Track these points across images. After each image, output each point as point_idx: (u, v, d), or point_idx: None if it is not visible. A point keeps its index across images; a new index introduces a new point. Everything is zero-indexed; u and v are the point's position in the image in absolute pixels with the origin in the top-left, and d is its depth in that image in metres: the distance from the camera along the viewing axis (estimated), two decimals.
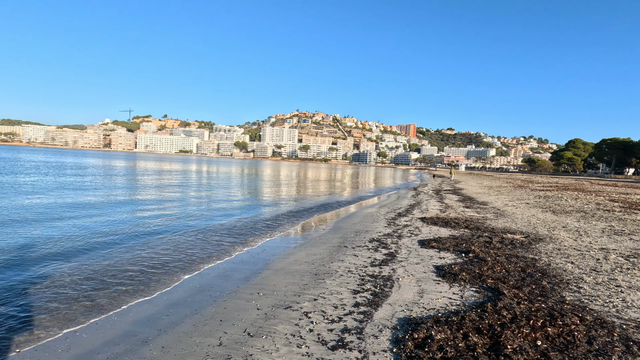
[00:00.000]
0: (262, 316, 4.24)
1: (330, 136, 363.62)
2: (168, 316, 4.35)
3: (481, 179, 49.90)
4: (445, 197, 20.44)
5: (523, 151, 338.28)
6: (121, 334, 3.87)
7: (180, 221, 10.69)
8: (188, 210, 12.92)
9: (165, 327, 4.06)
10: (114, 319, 4.27)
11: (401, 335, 3.62)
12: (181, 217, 11.46)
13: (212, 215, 12.03)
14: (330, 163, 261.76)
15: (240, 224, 10.78)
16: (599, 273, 5.79)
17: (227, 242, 8.47)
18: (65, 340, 3.73)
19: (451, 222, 10.71)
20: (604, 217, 11.76)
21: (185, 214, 12.03)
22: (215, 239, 8.68)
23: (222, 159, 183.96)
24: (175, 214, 12.08)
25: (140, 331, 3.95)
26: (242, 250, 7.75)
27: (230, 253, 7.50)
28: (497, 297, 4.62)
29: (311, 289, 5.16)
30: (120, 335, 3.86)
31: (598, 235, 8.85)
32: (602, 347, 3.45)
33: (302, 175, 47.64)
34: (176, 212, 12.56)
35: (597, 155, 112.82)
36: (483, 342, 3.52)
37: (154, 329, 3.99)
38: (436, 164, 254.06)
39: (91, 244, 7.60)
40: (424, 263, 6.39)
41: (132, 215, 11.34)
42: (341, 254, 7.24)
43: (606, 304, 4.49)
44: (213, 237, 8.85)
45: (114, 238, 8.20)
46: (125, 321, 4.21)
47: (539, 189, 25.27)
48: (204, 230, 9.59)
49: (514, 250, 7.34)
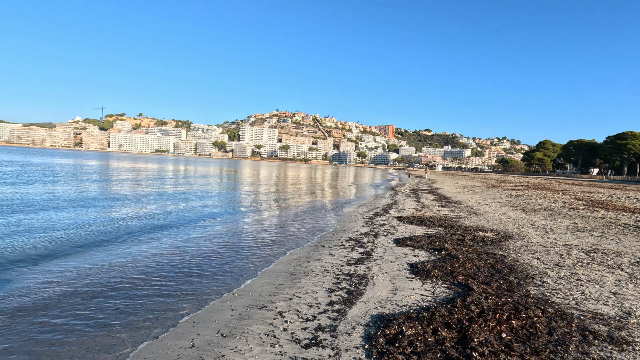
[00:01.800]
0: (236, 317, 4.22)
1: (311, 136, 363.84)
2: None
3: (457, 178, 51.26)
4: (422, 196, 20.89)
5: (497, 152, 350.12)
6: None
7: (154, 219, 10.42)
8: (165, 207, 12.62)
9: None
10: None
11: (373, 331, 3.69)
12: (156, 214, 11.17)
13: (188, 218, 11.80)
14: (310, 163, 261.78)
15: (217, 225, 10.63)
16: (561, 268, 6.09)
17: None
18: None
19: (426, 221, 10.97)
20: (569, 214, 12.37)
21: (161, 211, 11.74)
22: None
23: (200, 159, 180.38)
24: (151, 211, 11.77)
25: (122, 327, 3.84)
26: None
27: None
28: (467, 293, 4.79)
29: (287, 289, 5.17)
30: None
31: (563, 232, 9.30)
32: (561, 337, 3.64)
33: (282, 176, 47.44)
34: (152, 210, 12.24)
35: (565, 156, 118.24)
36: (451, 336, 3.64)
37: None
38: (414, 164, 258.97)
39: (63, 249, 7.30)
40: (398, 261, 6.52)
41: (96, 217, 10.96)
42: (318, 253, 7.28)
43: (567, 296, 4.74)
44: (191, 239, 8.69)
45: (81, 249, 7.90)
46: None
47: (511, 189, 26.23)
48: (183, 235, 9.39)
49: (485, 247, 7.61)
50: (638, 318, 4.07)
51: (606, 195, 20.28)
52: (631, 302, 4.54)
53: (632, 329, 3.79)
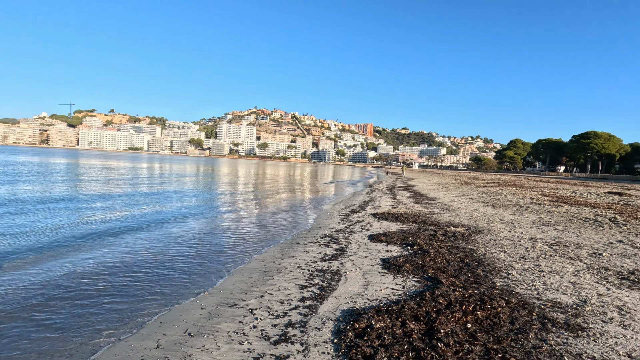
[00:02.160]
0: (205, 315, 4.14)
1: (289, 134, 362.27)
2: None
3: (432, 176, 52.46)
4: (398, 193, 21.24)
5: (471, 150, 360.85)
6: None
7: (125, 220, 10.07)
8: (137, 207, 12.21)
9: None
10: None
11: (343, 326, 3.72)
12: (128, 215, 10.79)
13: (162, 218, 11.47)
14: (289, 161, 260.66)
15: (192, 225, 10.39)
16: (526, 260, 6.34)
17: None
18: None
19: (401, 217, 11.16)
20: (536, 210, 12.91)
21: (133, 211, 11.35)
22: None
23: (176, 157, 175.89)
24: (122, 212, 11.35)
25: (79, 332, 3.67)
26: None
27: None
28: (436, 286, 4.90)
29: (259, 286, 5.12)
30: None
31: (529, 226, 9.69)
32: (522, 326, 3.79)
33: (261, 174, 46.99)
34: (123, 210, 11.81)
35: (534, 154, 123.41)
36: (419, 328, 3.72)
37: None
38: (392, 162, 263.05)
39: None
40: (371, 256, 6.60)
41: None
42: (292, 250, 7.26)
43: (529, 287, 4.94)
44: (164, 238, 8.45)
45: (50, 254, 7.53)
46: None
47: (483, 185, 27.11)
48: (154, 235, 9.12)
49: (456, 242, 7.82)
50: (593, 305, 4.30)
51: (570, 192, 21.31)
52: (587, 291, 4.79)
53: (587, 316, 4.00)
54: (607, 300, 4.49)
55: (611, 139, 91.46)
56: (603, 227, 9.37)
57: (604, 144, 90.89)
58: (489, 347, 3.34)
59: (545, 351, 3.25)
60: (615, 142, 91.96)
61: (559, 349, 3.29)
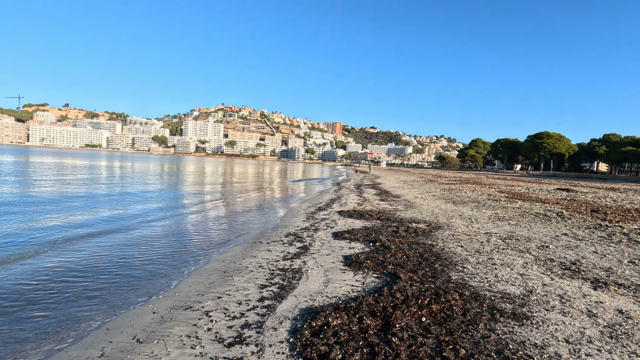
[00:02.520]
0: (157, 320, 3.95)
1: (258, 132, 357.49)
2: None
3: (399, 174, 53.79)
4: (365, 191, 21.56)
5: (435, 149, 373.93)
6: None
7: (80, 223, 9.45)
8: (94, 209, 11.48)
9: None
10: None
11: (300, 325, 3.68)
12: (84, 218, 10.13)
13: (120, 220, 10.89)
14: (258, 159, 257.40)
15: (153, 227, 9.94)
16: (481, 254, 6.63)
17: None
18: None
19: (365, 215, 11.32)
20: (492, 206, 13.56)
21: (89, 214, 10.67)
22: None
23: (138, 155, 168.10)
24: (76, 215, 10.64)
25: (2, 349, 3.37)
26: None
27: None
28: (394, 281, 4.99)
29: (217, 287, 4.98)
30: None
31: (485, 222, 10.15)
32: (473, 317, 3.94)
33: (228, 172, 45.98)
34: (78, 213, 11.07)
35: (493, 153, 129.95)
36: (375, 323, 3.76)
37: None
38: (360, 161, 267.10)
39: None
40: (334, 254, 6.62)
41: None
42: (255, 249, 7.13)
43: (482, 280, 5.16)
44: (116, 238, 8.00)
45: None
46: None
47: (445, 183, 28.14)
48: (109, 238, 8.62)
49: (417, 237, 8.03)
50: (537, 295, 4.56)
51: (524, 188, 22.62)
52: (534, 282, 5.08)
53: (532, 305, 4.23)
54: (550, 289, 4.77)
55: (561, 139, 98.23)
56: (551, 221, 10.01)
57: (555, 143, 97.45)
58: (441, 339, 3.44)
59: (492, 340, 3.39)
60: (565, 142, 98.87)
61: (505, 337, 3.44)
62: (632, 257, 6.37)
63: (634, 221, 9.73)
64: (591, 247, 7.16)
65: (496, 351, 3.20)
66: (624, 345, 3.33)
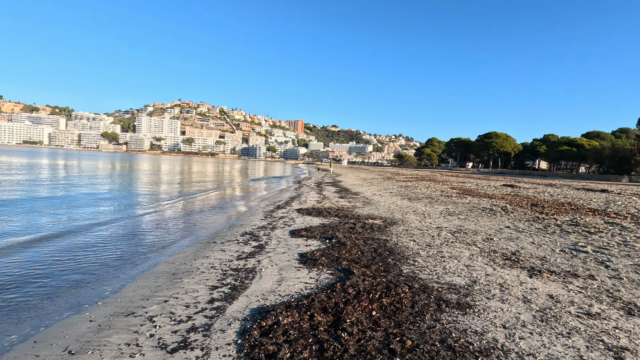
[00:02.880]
0: (93, 329, 3.66)
1: (218, 129, 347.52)
2: None
3: (359, 172, 54.84)
4: (325, 189, 21.70)
5: (394, 148, 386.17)
6: None
7: (16, 231, 8.56)
8: (33, 213, 10.46)
9: None
10: None
11: (249, 325, 3.59)
12: (21, 223, 9.18)
13: (64, 225, 10.03)
14: (217, 157, 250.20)
15: (99, 231, 9.26)
16: (431, 248, 6.90)
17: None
18: None
19: (324, 212, 11.37)
20: (444, 201, 14.22)
21: (27, 219, 9.70)
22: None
23: (86, 152, 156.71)
24: (13, 220, 9.63)
25: None
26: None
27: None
28: (347, 277, 5.04)
29: (164, 290, 4.73)
30: None
31: (437, 217, 10.61)
32: (420, 309, 4.07)
33: (186, 171, 44.19)
34: (15, 218, 10.03)
35: (447, 151, 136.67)
36: (326, 320, 3.76)
37: None
38: (322, 159, 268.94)
39: None
40: (290, 252, 6.57)
41: None
42: (208, 250, 6.89)
43: (431, 272, 5.36)
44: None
45: None
46: None
47: (402, 180, 29.11)
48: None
49: (372, 233, 8.19)
50: (480, 285, 4.82)
51: (474, 185, 23.99)
52: (478, 272, 5.37)
53: (475, 294, 4.46)
54: (492, 279, 5.07)
55: (508, 139, 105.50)
56: (496, 215, 10.68)
57: (503, 143, 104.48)
58: (389, 332, 3.51)
59: (437, 330, 3.53)
60: (511, 142, 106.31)
61: (449, 326, 3.59)
62: (563, 247, 6.96)
63: (566, 213, 10.66)
64: (529, 238, 7.73)
65: (440, 340, 3.33)
66: (552, 327, 3.61)
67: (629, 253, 6.46)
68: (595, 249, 6.73)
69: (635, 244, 7.06)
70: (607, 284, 4.93)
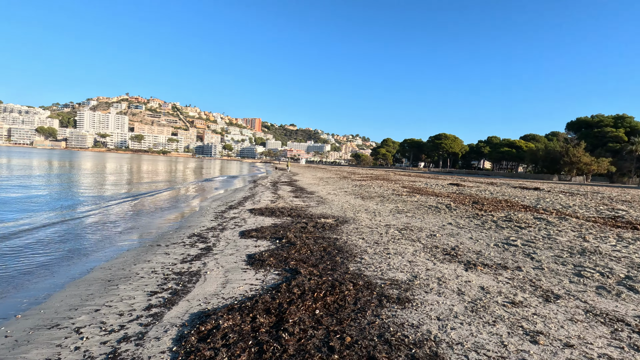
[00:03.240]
0: (9, 345, 3.32)
1: (170, 126, 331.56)
2: None
3: (316, 171, 55.21)
4: (280, 188, 21.56)
5: (352, 147, 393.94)
6: None
7: None
8: None
9: None
10: None
11: (187, 331, 3.46)
12: None
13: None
14: (170, 155, 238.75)
15: (28, 237, 8.40)
16: (379, 245, 7.12)
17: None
18: None
19: (277, 212, 11.29)
20: (395, 200, 14.76)
21: None
22: None
23: (17, 149, 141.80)
24: None
25: None
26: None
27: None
28: (294, 277, 5.05)
29: (96, 299, 4.41)
30: None
31: (387, 215, 10.98)
32: (362, 306, 4.18)
33: (134, 170, 41.58)
34: None
35: (401, 152, 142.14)
36: (269, 321, 3.73)
37: None
38: (280, 158, 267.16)
39: None
40: (238, 253, 6.44)
41: None
42: (150, 254, 6.54)
43: (376, 269, 5.53)
44: None
45: None
46: None
47: (358, 180, 29.78)
48: None
49: (323, 232, 8.27)
50: (420, 279, 5.06)
51: (423, 184, 25.18)
52: (419, 267, 5.63)
53: (415, 289, 4.68)
54: (431, 273, 5.35)
55: (456, 140, 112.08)
56: (440, 213, 11.29)
57: (451, 144, 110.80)
58: (331, 330, 3.57)
59: (376, 325, 3.64)
60: (459, 143, 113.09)
61: (388, 321, 3.73)
62: (496, 241, 7.53)
63: (502, 210, 11.55)
64: (468, 234, 8.27)
65: (378, 335, 3.44)
66: (481, 316, 3.88)
67: (551, 245, 7.14)
68: (524, 243, 7.36)
69: (557, 237, 7.83)
70: (531, 274, 5.41)
